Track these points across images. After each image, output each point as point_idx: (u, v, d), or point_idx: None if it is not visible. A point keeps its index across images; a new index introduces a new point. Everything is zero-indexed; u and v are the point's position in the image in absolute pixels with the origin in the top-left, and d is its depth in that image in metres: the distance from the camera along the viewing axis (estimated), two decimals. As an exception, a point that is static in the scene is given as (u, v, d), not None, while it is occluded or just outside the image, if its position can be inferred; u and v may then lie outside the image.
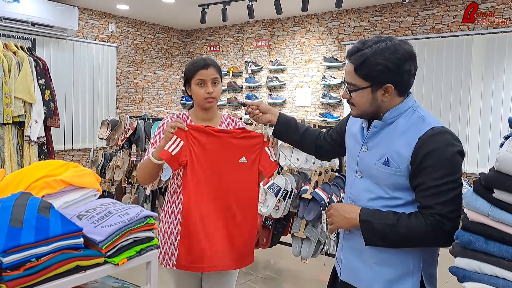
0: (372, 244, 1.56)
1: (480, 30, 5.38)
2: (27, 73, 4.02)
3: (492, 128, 5.28)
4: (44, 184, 1.58)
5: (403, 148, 1.51)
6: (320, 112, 6.68)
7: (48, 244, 1.27)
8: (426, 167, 1.46)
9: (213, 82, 2.08)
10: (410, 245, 1.53)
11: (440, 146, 1.45)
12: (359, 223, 1.56)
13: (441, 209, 1.43)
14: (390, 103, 1.57)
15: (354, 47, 1.56)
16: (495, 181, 1.17)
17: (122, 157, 4.64)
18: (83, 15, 6.71)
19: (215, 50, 8.10)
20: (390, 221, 1.50)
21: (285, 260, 4.51)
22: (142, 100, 7.79)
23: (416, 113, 1.57)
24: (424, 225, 1.45)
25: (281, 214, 3.55)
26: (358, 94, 1.57)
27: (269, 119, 2.02)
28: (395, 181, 1.54)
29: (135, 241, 1.53)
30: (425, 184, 1.46)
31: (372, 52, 1.50)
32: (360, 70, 1.53)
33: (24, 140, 4.07)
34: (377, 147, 1.59)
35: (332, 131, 1.98)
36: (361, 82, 1.55)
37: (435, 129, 1.49)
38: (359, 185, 1.66)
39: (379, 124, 1.59)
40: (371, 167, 1.60)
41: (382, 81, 1.52)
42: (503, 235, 1.16)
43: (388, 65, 1.48)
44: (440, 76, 5.63)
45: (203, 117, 2.15)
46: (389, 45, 1.50)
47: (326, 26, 6.74)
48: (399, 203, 1.55)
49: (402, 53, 1.49)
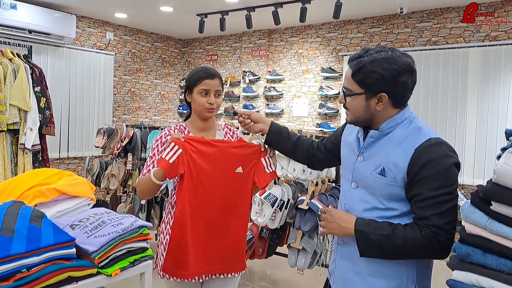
0: (367, 255, 1.55)
1: (476, 42, 5.41)
2: (23, 81, 4.00)
3: (488, 140, 5.29)
4: (37, 192, 1.56)
5: (399, 159, 1.51)
6: (317, 122, 6.68)
7: (39, 254, 1.25)
8: (422, 178, 1.45)
9: (216, 93, 2.06)
10: (405, 256, 1.52)
11: (437, 157, 1.45)
12: (354, 233, 1.54)
13: (437, 221, 1.42)
14: (385, 113, 1.57)
15: (356, 54, 1.58)
16: (493, 193, 1.16)
17: (118, 165, 4.62)
18: (80, 23, 6.71)
19: (213, 59, 8.11)
20: (385, 231, 1.49)
21: (281, 271, 4.48)
22: (139, 109, 7.78)
23: (412, 124, 1.57)
24: (419, 236, 1.44)
25: (277, 224, 3.52)
26: (353, 100, 1.59)
27: (261, 128, 2.01)
28: (390, 191, 1.53)
29: (129, 252, 1.51)
30: (421, 195, 1.45)
31: (370, 60, 1.51)
32: (356, 76, 1.55)
33: (18, 148, 4.04)
34: (373, 157, 1.59)
35: (326, 140, 1.97)
36: (356, 88, 1.56)
37: (432, 140, 1.49)
38: (354, 195, 1.65)
39: (376, 134, 1.59)
40: (367, 177, 1.59)
41: (376, 90, 1.53)
42: (501, 248, 1.15)
43: (384, 74, 1.49)
44: (436, 88, 5.65)
45: (201, 127, 2.12)
46: (388, 56, 1.51)
47: (324, 37, 6.76)
48: (394, 214, 1.54)
49: (400, 65, 1.50)
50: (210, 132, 2.13)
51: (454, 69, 5.54)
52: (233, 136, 2.18)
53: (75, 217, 1.56)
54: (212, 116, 2.10)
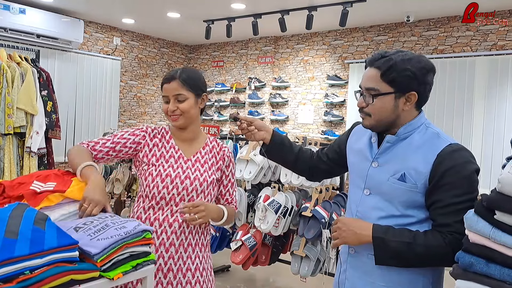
0: (383, 263, 1.49)
1: (483, 51, 5.40)
2: (30, 84, 4.03)
3: (495, 149, 5.27)
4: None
5: (420, 164, 1.48)
6: (322, 129, 6.68)
7: (43, 256, 1.25)
8: (445, 184, 1.43)
9: (177, 98, 1.84)
10: (425, 264, 1.47)
11: (459, 163, 1.43)
12: (372, 240, 1.48)
13: (460, 227, 1.36)
14: (409, 114, 1.55)
15: (377, 54, 1.54)
16: (497, 202, 1.15)
17: (123, 170, 4.63)
18: (88, 28, 6.77)
19: (219, 65, 8.14)
20: (406, 239, 1.44)
21: (284, 278, 4.46)
22: (145, 114, 7.81)
23: (429, 129, 1.55)
24: (443, 244, 1.40)
25: (280, 231, 3.52)
26: (381, 100, 1.52)
27: (263, 137, 1.87)
28: (409, 198, 1.49)
29: (131, 256, 1.51)
30: (443, 201, 1.42)
31: (401, 59, 1.49)
32: (387, 75, 1.50)
33: (24, 151, 4.06)
34: (390, 163, 1.55)
35: (327, 150, 1.89)
36: (386, 87, 1.51)
37: (453, 146, 1.47)
38: (368, 202, 1.59)
39: (393, 139, 1.55)
40: (383, 184, 1.54)
41: (407, 88, 1.51)
42: (505, 258, 1.14)
43: (416, 72, 1.48)
44: (443, 96, 5.64)
45: (183, 137, 1.95)
46: (414, 55, 1.51)
47: (330, 44, 6.77)
48: (411, 221, 1.50)
49: (426, 63, 1.51)
50: (193, 143, 1.97)
51: (461, 78, 5.53)
52: (219, 153, 1.99)
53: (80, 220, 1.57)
54: (178, 125, 1.90)
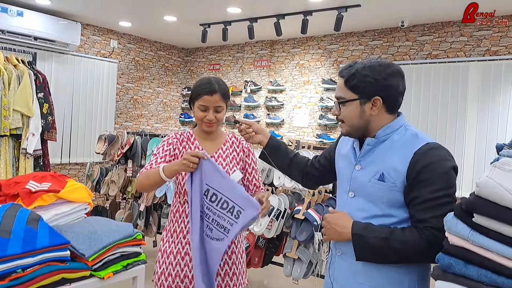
0: (363, 259, 1.54)
1: (476, 56, 5.45)
2: (27, 86, 4.06)
3: (487, 153, 5.29)
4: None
5: (398, 163, 1.52)
6: (317, 133, 6.72)
7: (35, 255, 1.29)
8: (422, 181, 1.46)
9: (216, 110, 2.07)
10: (404, 260, 1.50)
11: (436, 160, 1.47)
12: (351, 237, 1.54)
13: (436, 223, 1.41)
14: (379, 119, 1.59)
15: (346, 64, 1.63)
16: (475, 205, 1.19)
17: (118, 172, 4.66)
18: (85, 31, 6.79)
19: (215, 69, 8.17)
20: (383, 234, 1.48)
21: (277, 280, 4.49)
22: (141, 116, 7.83)
23: (409, 130, 1.59)
24: (418, 239, 1.44)
25: (273, 234, 3.55)
26: (347, 107, 1.60)
27: (260, 140, 2.00)
28: (390, 197, 1.53)
29: (122, 256, 1.54)
30: (420, 197, 1.46)
31: (362, 66, 1.56)
32: (349, 82, 1.58)
33: (20, 153, 4.09)
34: (371, 165, 1.59)
35: (320, 156, 1.97)
36: (350, 94, 1.59)
37: (430, 144, 1.52)
38: (352, 204, 1.64)
39: (373, 142, 1.60)
40: (365, 185, 1.59)
41: (370, 94, 1.56)
42: (482, 259, 1.17)
43: (376, 77, 1.53)
44: (436, 101, 5.68)
45: (206, 137, 2.16)
46: (378, 62, 1.57)
47: (325, 49, 6.82)
48: (394, 220, 1.54)
49: (390, 68, 1.55)
50: (216, 142, 2.17)
51: (454, 83, 5.57)
52: (238, 146, 2.20)
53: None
54: (211, 131, 2.12)
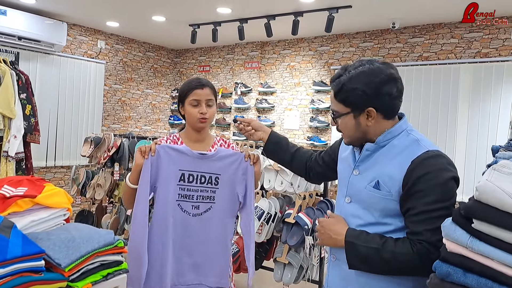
0: (355, 267, 1.50)
1: (467, 59, 5.44)
2: (8, 87, 3.93)
3: (478, 156, 5.28)
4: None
5: (395, 171, 1.46)
6: (308, 135, 6.67)
7: (5, 266, 1.20)
8: (417, 191, 1.40)
9: (207, 103, 2.06)
10: (393, 271, 1.45)
11: (433, 170, 1.40)
12: (344, 244, 1.50)
13: (430, 236, 1.36)
14: (378, 126, 1.52)
15: (336, 73, 1.55)
16: (475, 211, 1.12)
17: (104, 175, 4.56)
18: (72, 31, 6.68)
19: (205, 70, 8.10)
20: (375, 244, 1.43)
21: (267, 285, 4.41)
22: (129, 118, 7.72)
23: (410, 135, 1.52)
24: (410, 252, 1.38)
25: (264, 238, 3.49)
26: (342, 121, 1.55)
27: (261, 137, 2.03)
28: (385, 206, 1.48)
29: (102, 265, 1.46)
30: (416, 209, 1.40)
31: (349, 78, 1.48)
32: (339, 96, 1.52)
33: (1, 156, 3.96)
34: (369, 171, 1.54)
35: (324, 153, 1.93)
36: (342, 108, 1.53)
37: (430, 153, 1.44)
38: (347, 210, 1.60)
39: (372, 147, 1.54)
40: (361, 192, 1.54)
41: (362, 106, 1.49)
42: (482, 267, 1.11)
43: (365, 89, 1.46)
44: (427, 103, 5.66)
45: (195, 139, 2.13)
46: (366, 69, 1.47)
47: (316, 50, 6.78)
48: (389, 229, 1.48)
49: (380, 76, 1.46)
50: (204, 143, 2.14)
51: (445, 85, 5.56)
52: (227, 148, 2.17)
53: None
54: (205, 127, 2.11)
